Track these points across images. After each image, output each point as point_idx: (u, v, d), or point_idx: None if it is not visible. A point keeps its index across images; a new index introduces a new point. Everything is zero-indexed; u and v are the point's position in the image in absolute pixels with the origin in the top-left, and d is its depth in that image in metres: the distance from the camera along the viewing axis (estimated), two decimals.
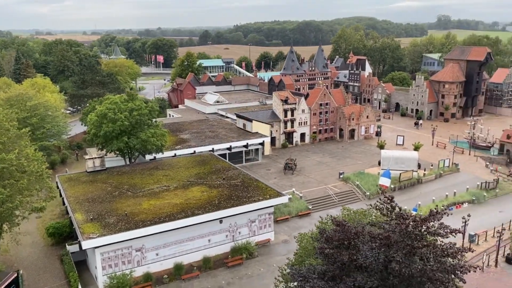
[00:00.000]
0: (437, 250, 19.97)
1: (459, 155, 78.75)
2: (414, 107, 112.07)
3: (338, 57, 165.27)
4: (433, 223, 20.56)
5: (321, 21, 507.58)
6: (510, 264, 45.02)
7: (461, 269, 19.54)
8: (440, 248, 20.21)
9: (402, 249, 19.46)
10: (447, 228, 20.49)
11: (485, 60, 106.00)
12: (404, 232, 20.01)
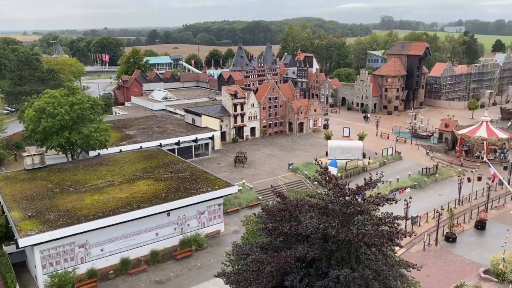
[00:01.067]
0: (373, 218, 20.60)
1: (401, 145, 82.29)
2: (360, 101, 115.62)
3: (287, 55, 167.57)
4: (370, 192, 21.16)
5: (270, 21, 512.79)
6: (449, 242, 47.38)
7: (397, 234, 20.24)
8: (376, 217, 20.86)
9: (339, 217, 19.91)
10: (383, 197, 21.17)
11: (424, 54, 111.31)
12: (341, 201, 20.51)
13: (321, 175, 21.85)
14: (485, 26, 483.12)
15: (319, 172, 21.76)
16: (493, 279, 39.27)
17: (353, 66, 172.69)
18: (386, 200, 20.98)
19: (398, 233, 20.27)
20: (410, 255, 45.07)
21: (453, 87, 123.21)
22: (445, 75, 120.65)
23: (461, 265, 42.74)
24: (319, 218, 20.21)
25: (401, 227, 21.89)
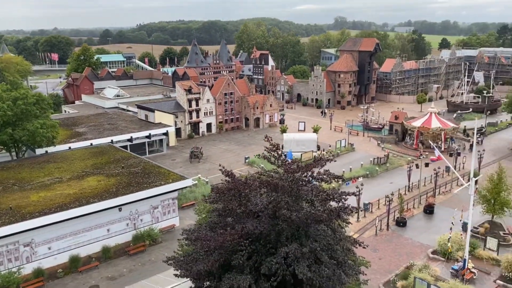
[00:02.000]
0: (322, 194, 20.83)
1: (354, 137, 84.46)
2: (314, 97, 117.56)
3: (242, 52, 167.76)
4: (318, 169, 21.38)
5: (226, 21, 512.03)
6: (399, 226, 48.91)
7: (345, 210, 20.56)
8: (324, 192, 21.09)
9: (288, 193, 19.96)
10: (331, 174, 21.46)
11: (374, 50, 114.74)
12: (291, 178, 20.60)
13: (270, 152, 21.86)
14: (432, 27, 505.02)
15: (268, 149, 21.75)
16: (441, 258, 40.89)
17: (308, 64, 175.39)
18: (334, 177, 21.29)
19: (345, 208, 20.58)
20: (363, 240, 46.05)
21: (403, 82, 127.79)
22: (395, 70, 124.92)
23: (411, 247, 44.21)
24: (269, 195, 20.22)
25: (348, 202, 22.23)
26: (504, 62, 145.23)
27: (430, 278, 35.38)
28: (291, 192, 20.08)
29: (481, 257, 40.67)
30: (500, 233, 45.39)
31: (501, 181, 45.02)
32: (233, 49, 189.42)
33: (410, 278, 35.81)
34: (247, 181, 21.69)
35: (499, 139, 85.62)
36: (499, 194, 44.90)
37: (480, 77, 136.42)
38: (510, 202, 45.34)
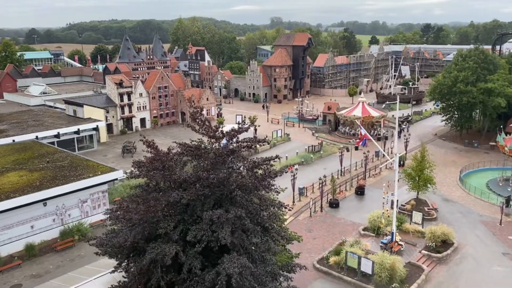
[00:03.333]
0: (249, 162, 20.73)
1: (290, 128, 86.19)
2: (251, 91, 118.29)
3: (178, 48, 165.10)
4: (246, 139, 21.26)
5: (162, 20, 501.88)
6: (332, 207, 50.36)
7: (270, 174, 20.59)
8: (251, 161, 21.01)
9: (210, 159, 19.66)
10: (257, 141, 21.47)
11: (307, 45, 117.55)
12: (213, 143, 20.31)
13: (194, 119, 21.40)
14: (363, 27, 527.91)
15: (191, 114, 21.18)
16: (371, 234, 42.55)
17: (245, 61, 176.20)
18: (258, 141, 21.28)
19: (270, 172, 20.61)
20: (298, 222, 47.01)
21: (335, 76, 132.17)
22: (328, 65, 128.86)
23: (344, 226, 45.62)
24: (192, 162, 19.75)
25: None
26: (428, 57, 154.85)
27: (361, 252, 36.64)
28: (216, 160, 19.77)
29: (407, 231, 42.82)
30: (425, 208, 48.07)
31: (424, 159, 47.69)
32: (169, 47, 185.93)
33: (342, 253, 36.86)
34: (169, 151, 21.11)
35: (424, 126, 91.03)
36: (423, 171, 47.53)
37: (406, 70, 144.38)
38: (432, 179, 48.17)
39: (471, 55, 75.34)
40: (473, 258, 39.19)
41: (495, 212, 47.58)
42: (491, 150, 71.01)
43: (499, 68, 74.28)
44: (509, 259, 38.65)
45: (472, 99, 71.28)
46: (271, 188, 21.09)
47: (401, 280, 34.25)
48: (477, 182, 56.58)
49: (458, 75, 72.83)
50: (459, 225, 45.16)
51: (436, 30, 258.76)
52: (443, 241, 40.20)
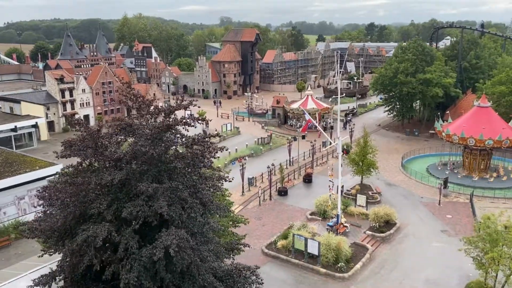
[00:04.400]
0: (187, 138, 20.31)
1: (240, 122, 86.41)
2: (201, 87, 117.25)
3: (123, 45, 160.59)
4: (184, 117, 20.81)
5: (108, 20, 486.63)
6: (281, 195, 50.82)
7: (209, 150, 20.30)
8: (190, 137, 20.60)
9: (146, 135, 19.04)
10: (195, 118, 21.06)
11: (255, 40, 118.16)
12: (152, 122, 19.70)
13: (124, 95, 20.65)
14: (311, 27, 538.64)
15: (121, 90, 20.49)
16: (318, 218, 43.31)
17: (194, 57, 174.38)
18: (197, 119, 20.88)
19: (209, 147, 20.29)
20: (248, 211, 46.97)
21: (284, 72, 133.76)
22: (276, 61, 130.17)
23: (292, 212, 46.10)
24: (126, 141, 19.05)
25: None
26: (371, 53, 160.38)
27: (308, 235, 37.09)
28: (152, 136, 19.15)
29: (352, 214, 44.02)
30: (369, 193, 49.59)
31: (366, 144, 49.20)
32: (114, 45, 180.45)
33: (290, 237, 37.20)
34: (100, 128, 20.27)
35: (368, 118, 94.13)
36: (366, 156, 49.02)
37: (351, 66, 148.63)
38: (375, 163, 49.82)
39: (410, 47, 78.75)
40: (414, 236, 40.87)
41: (434, 194, 49.89)
42: (431, 138, 74.57)
43: (436, 59, 78.13)
44: (447, 235, 40.64)
45: (412, 90, 74.47)
46: (210, 164, 20.76)
47: (347, 259, 35.07)
48: (418, 167, 59.21)
49: (398, 67, 75.87)
50: (401, 206, 46.96)
51: (379, 29, 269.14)
52: (386, 222, 41.61)
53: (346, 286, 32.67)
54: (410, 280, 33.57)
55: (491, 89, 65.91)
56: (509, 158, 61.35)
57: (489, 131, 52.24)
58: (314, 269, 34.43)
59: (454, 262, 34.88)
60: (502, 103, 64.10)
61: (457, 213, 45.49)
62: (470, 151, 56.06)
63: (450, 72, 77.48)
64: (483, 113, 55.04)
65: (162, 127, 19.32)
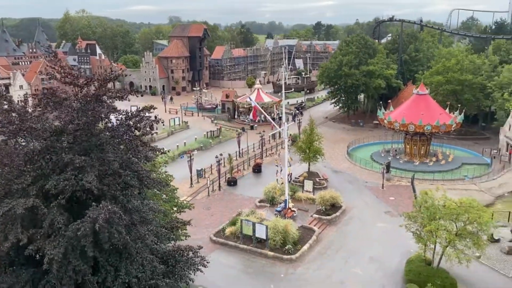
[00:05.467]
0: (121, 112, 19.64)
1: (189, 117, 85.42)
2: (148, 84, 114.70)
3: (66, 43, 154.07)
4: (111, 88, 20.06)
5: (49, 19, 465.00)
6: (230, 186, 50.62)
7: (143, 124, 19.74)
8: (123, 111, 19.95)
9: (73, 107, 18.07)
10: (127, 90, 20.52)
11: (203, 36, 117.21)
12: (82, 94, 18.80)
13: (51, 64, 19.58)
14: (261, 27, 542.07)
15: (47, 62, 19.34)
16: (266, 205, 43.50)
17: (140, 55, 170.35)
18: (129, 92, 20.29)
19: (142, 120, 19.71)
20: (196, 202, 46.23)
21: (233, 68, 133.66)
22: (225, 57, 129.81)
23: (241, 201, 46.01)
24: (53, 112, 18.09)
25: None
26: (319, 50, 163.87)
27: (256, 220, 37.11)
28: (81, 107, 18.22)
29: (300, 199, 44.60)
30: (316, 179, 50.46)
31: (312, 132, 50.03)
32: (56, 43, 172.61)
33: (238, 224, 37.05)
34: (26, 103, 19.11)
35: (316, 111, 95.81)
36: (312, 143, 49.82)
37: (299, 63, 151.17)
38: (321, 150, 50.76)
39: (354, 40, 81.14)
40: (359, 218, 42.02)
41: (378, 179, 51.57)
42: (375, 128, 77.20)
43: (378, 52, 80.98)
44: (390, 216, 42.08)
45: (356, 81, 76.74)
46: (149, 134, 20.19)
47: (294, 242, 35.41)
48: (363, 155, 61.05)
49: (342, 59, 77.92)
50: (347, 191, 48.16)
51: (326, 28, 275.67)
52: (332, 205, 42.51)
53: (293, 267, 32.99)
54: (355, 259, 34.44)
55: (429, 79, 69.17)
56: (447, 144, 64.63)
57: (427, 117, 54.74)
58: (262, 253, 34.51)
59: (396, 240, 36.16)
60: (440, 91, 67.45)
61: (400, 195, 47.28)
62: (410, 138, 58.47)
63: (392, 64, 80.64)
64: (422, 100, 57.61)
65: (90, 97, 18.48)
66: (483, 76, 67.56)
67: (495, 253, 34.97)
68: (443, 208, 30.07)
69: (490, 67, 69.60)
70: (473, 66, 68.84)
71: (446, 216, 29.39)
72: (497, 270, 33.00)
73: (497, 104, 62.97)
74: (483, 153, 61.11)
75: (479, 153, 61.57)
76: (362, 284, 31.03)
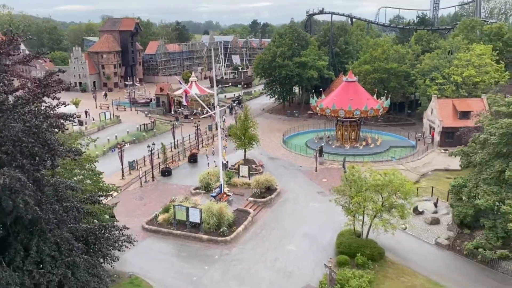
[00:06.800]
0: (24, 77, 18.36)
1: (122, 112, 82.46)
2: (77, 80, 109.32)
3: None
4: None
5: None
6: (165, 176, 49.39)
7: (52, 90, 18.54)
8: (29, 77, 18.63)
9: None
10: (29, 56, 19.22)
11: (135, 30, 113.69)
12: None
13: None
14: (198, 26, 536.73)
15: None
16: (201, 191, 42.88)
17: (70, 51, 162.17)
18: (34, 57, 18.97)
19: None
20: (128, 193, 44.77)
21: (168, 64, 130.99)
22: (160, 52, 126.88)
23: (176, 190, 44.96)
24: None
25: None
26: (254, 46, 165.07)
27: (190, 205, 36.39)
28: None
29: (236, 184, 44.51)
30: (252, 166, 50.54)
31: (247, 118, 50.02)
32: None
33: (171, 210, 36.13)
34: None
35: (254, 104, 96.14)
36: (247, 130, 49.81)
37: (236, 59, 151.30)
38: (256, 136, 50.89)
39: (287, 32, 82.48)
40: (294, 199, 42.65)
41: (312, 163, 52.69)
42: (310, 118, 79.08)
43: (310, 44, 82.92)
44: (323, 196, 43.04)
45: (290, 72, 78.07)
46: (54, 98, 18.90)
47: (229, 224, 35.16)
48: (298, 143, 62.18)
49: (276, 51, 78.94)
50: (282, 175, 48.74)
51: (262, 26, 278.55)
52: (267, 188, 42.78)
53: (228, 248, 32.70)
54: (289, 237, 34.83)
55: (358, 68, 71.90)
56: (375, 130, 67.51)
57: (356, 102, 56.81)
58: (197, 237, 33.90)
59: (329, 217, 37.10)
60: (368, 80, 70.32)
61: (332, 177, 48.57)
62: (342, 124, 60.39)
63: (323, 56, 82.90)
64: (351, 87, 59.71)
65: None
66: (407, 64, 71.36)
67: (420, 224, 36.92)
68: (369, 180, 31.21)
69: (414, 56, 73.68)
70: (398, 55, 72.51)
71: (372, 187, 30.51)
72: (421, 239, 34.84)
73: (420, 90, 66.78)
74: (408, 136, 64.54)
75: (405, 137, 64.94)
76: (296, 259, 31.42)
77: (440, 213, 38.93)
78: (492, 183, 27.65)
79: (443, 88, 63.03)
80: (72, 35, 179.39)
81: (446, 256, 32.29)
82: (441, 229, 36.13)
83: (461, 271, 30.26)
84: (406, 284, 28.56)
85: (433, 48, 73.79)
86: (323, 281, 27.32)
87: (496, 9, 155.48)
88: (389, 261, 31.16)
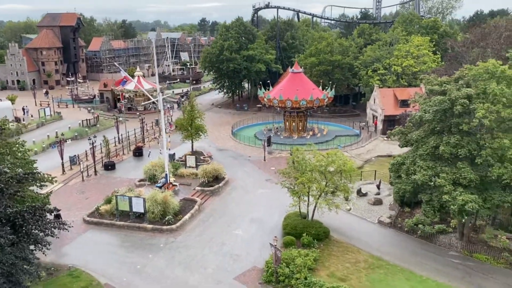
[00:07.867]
0: None
1: (64, 109, 79.20)
2: (15, 78, 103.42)
3: None
4: None
5: None
6: (108, 170, 47.67)
7: None
8: None
9: None
10: None
11: (77, 25, 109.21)
12: None
13: None
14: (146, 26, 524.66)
15: None
16: (146, 183, 41.78)
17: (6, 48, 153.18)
18: None
19: None
20: (69, 187, 42.88)
21: (114, 61, 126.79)
22: (104, 49, 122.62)
23: (120, 183, 43.42)
24: None
25: None
26: (203, 43, 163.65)
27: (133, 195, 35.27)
28: None
29: (183, 175, 43.71)
30: (200, 157, 49.91)
31: (193, 108, 49.30)
32: None
33: (114, 201, 34.86)
34: None
35: (203, 99, 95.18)
36: (194, 120, 49.09)
37: (185, 55, 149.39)
38: (204, 126, 50.28)
39: (233, 26, 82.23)
40: (242, 187, 42.54)
41: (260, 153, 52.84)
42: (259, 111, 79.42)
43: (258, 38, 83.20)
44: (271, 183, 43.18)
45: (237, 66, 77.92)
46: None
47: (175, 213, 34.47)
48: (247, 134, 62.14)
49: (223, 44, 78.54)
50: (231, 165, 48.49)
51: (211, 25, 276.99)
52: (215, 177, 42.34)
53: (174, 236, 32.02)
54: (237, 222, 34.66)
55: (304, 61, 72.98)
56: (322, 121, 68.79)
57: (302, 93, 57.56)
58: (141, 227, 32.94)
59: (276, 203, 37.24)
60: (313, 72, 71.54)
61: (280, 165, 48.48)
62: (289, 115, 60.99)
63: (270, 50, 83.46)
64: (297, 78, 60.45)
65: None
66: (351, 56, 73.28)
67: (363, 205, 37.95)
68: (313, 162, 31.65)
69: (357, 49, 75.79)
70: (342, 48, 74.33)
71: (316, 167, 30.92)
72: (365, 218, 35.81)
73: (363, 81, 68.77)
74: (353, 126, 66.32)
75: (350, 126, 66.68)
76: (243, 242, 31.29)
77: (383, 194, 40.23)
78: (428, 159, 28.81)
79: (384, 79, 65.31)
80: (9, 33, 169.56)
81: (388, 233, 33.36)
82: (384, 209, 37.33)
83: (402, 246, 31.36)
84: (350, 261, 29.17)
85: (375, 41, 76.31)
86: (269, 261, 27.33)
87: (434, 8, 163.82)
88: (334, 240, 31.73)
